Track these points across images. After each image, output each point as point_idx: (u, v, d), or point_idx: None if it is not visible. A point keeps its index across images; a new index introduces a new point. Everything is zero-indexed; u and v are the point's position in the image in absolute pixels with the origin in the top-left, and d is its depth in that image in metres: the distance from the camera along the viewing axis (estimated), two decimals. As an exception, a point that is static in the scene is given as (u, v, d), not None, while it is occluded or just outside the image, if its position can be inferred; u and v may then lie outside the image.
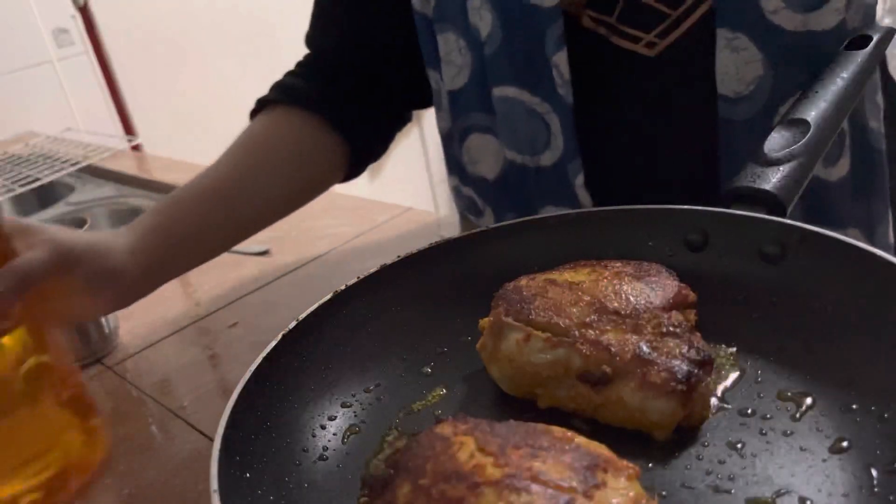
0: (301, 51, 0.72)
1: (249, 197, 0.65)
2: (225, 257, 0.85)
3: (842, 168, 0.59)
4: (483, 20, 0.60)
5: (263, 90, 0.68)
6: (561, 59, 0.57)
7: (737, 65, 0.55)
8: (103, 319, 0.67)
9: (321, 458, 0.39)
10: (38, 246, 0.48)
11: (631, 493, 0.29)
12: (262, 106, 0.69)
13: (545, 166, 0.64)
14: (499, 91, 0.62)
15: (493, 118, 0.66)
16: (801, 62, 0.54)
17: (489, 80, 0.63)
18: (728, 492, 0.33)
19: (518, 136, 0.64)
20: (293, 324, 0.43)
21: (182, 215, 0.61)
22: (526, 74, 0.60)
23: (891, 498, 0.30)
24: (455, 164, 0.74)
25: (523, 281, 0.43)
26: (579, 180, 0.62)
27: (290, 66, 0.72)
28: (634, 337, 0.38)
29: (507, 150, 0.66)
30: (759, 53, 0.54)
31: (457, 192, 0.78)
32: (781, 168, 0.44)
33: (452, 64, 0.66)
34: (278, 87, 0.69)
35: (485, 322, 0.43)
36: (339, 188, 0.98)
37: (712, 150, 0.59)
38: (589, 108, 0.61)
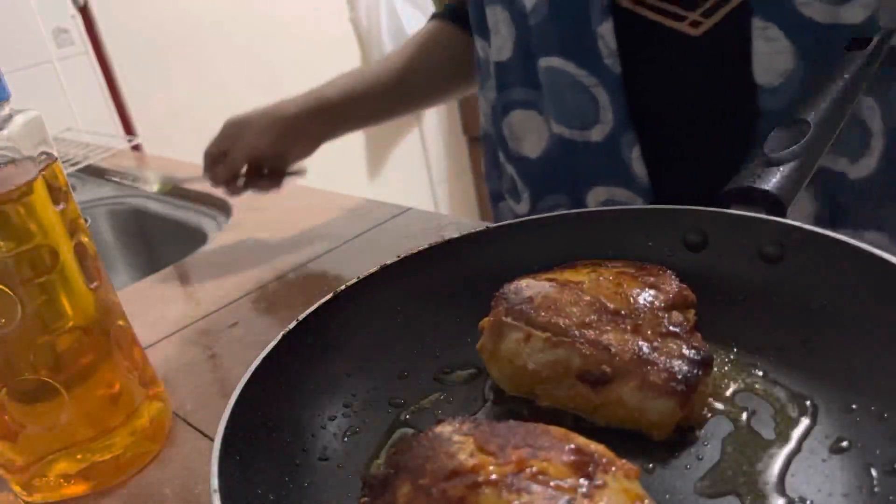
0: (300, 53, 0.72)
1: (409, 89, 0.84)
2: (225, 257, 0.85)
3: (865, 167, 0.58)
4: None
5: (263, 91, 0.69)
6: (606, 30, 0.57)
7: (769, 55, 0.54)
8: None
9: (321, 458, 0.39)
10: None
11: (631, 493, 0.29)
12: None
13: (595, 142, 0.62)
14: (544, 62, 0.62)
15: (537, 93, 0.66)
16: (830, 57, 0.53)
17: (534, 50, 0.63)
18: (728, 492, 0.33)
19: (566, 109, 0.63)
20: (293, 324, 0.43)
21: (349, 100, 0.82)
22: (571, 45, 0.60)
23: (891, 498, 0.30)
24: (499, 140, 0.73)
25: (523, 281, 0.43)
26: (635, 153, 0.61)
27: (290, 66, 0.72)
28: (634, 337, 0.38)
29: (555, 125, 0.65)
30: (789, 45, 0.54)
31: (490, 177, 0.79)
32: (781, 168, 0.44)
33: (499, 34, 0.66)
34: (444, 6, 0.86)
35: (485, 322, 0.43)
36: (339, 188, 0.99)
37: (750, 136, 0.58)
38: (636, 84, 0.60)
